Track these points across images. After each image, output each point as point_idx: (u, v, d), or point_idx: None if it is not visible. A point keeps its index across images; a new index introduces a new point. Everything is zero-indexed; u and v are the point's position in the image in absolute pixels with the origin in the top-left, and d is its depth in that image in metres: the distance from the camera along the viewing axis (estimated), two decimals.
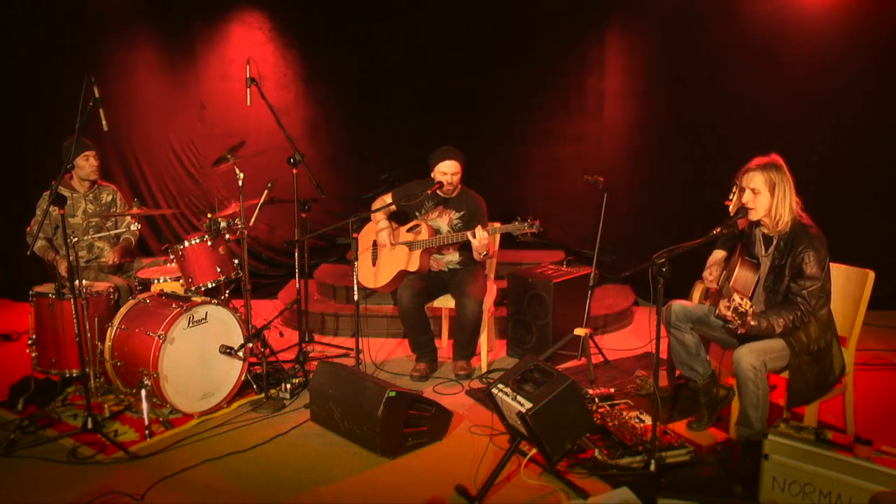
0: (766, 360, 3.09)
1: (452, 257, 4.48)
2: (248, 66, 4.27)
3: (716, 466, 3.17)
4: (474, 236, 4.06)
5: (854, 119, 5.58)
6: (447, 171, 4.26)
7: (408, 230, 4.42)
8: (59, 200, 3.36)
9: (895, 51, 5.40)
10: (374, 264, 4.53)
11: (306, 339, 4.73)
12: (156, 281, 4.25)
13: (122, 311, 3.84)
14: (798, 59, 5.53)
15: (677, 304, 3.55)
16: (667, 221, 5.85)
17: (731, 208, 3.93)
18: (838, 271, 3.39)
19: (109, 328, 3.80)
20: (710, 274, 3.51)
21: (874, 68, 5.48)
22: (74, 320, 3.48)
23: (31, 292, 3.90)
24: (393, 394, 3.27)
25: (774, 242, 3.21)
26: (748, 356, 3.07)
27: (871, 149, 5.60)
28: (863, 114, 5.56)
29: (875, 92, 5.51)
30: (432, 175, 4.31)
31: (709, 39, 5.63)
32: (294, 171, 4.45)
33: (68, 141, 4.38)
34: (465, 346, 4.35)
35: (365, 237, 4.61)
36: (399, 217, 4.54)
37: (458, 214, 4.41)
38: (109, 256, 4.54)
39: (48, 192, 4.26)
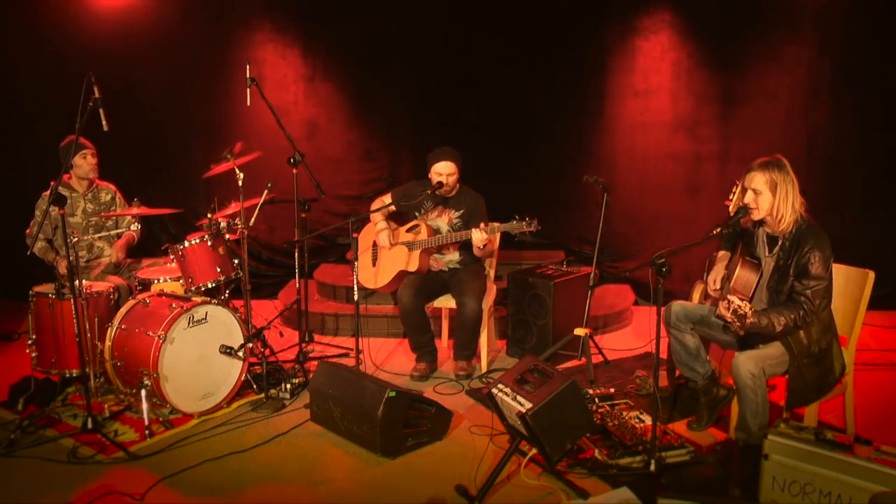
0: (765, 367, 3.08)
1: (452, 257, 4.48)
2: (248, 66, 4.28)
3: (716, 466, 3.17)
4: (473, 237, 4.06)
5: (854, 116, 5.59)
6: (442, 171, 4.26)
7: (407, 230, 4.42)
8: (59, 200, 3.35)
9: None
10: (374, 265, 4.53)
11: (306, 339, 4.73)
12: (156, 281, 4.25)
13: (122, 311, 3.84)
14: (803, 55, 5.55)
15: (677, 305, 3.54)
16: (667, 221, 5.84)
17: (730, 208, 3.93)
18: (838, 271, 3.38)
19: (109, 328, 3.80)
20: (714, 281, 3.48)
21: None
22: (74, 320, 3.48)
23: (31, 292, 3.90)
24: (393, 394, 3.27)
25: (780, 242, 3.19)
26: (747, 363, 3.06)
27: (873, 146, 5.61)
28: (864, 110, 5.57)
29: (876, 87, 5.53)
30: (429, 176, 4.31)
31: (710, 40, 5.65)
32: (294, 171, 4.45)
33: (66, 141, 4.38)
34: (466, 345, 4.35)
35: (365, 237, 4.61)
36: (399, 217, 4.54)
37: (457, 214, 4.41)
38: (113, 254, 4.51)
39: (47, 193, 4.25)
